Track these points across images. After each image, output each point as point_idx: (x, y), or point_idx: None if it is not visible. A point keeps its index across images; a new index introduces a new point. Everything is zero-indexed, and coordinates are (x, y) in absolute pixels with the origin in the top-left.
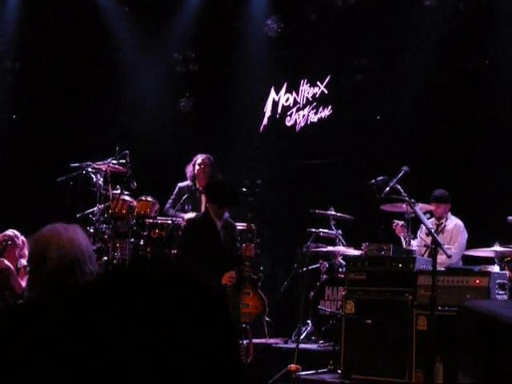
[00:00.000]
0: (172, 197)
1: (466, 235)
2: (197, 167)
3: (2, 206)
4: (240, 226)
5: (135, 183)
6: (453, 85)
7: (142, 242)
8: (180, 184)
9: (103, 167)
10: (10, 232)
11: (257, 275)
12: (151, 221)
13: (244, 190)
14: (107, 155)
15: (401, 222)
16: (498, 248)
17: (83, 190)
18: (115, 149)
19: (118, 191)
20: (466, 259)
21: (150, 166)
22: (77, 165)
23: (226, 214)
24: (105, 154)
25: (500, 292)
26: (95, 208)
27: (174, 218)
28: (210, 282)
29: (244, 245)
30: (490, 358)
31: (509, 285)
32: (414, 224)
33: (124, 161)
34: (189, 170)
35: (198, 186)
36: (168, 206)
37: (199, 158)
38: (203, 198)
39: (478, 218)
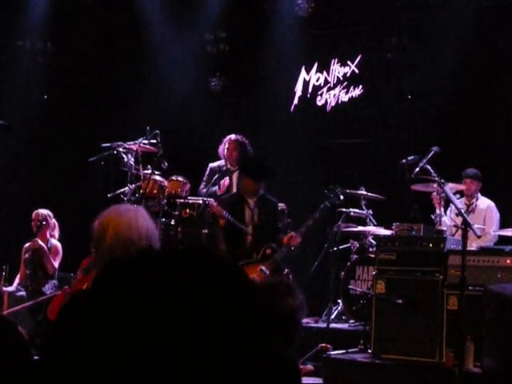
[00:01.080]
0: (204, 178)
1: (498, 215)
2: (226, 148)
3: (35, 187)
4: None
5: (166, 163)
6: (485, 64)
7: (172, 222)
8: (211, 164)
9: (134, 147)
10: (44, 211)
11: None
12: (182, 201)
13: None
14: (138, 135)
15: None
16: None
17: (114, 169)
18: (146, 129)
19: (149, 171)
20: (498, 239)
21: (181, 146)
22: (108, 145)
23: (262, 191)
24: (136, 134)
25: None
26: (126, 188)
27: (204, 198)
28: (237, 265)
29: (293, 233)
30: None
31: None
32: (444, 204)
33: (155, 141)
34: (220, 150)
35: (229, 166)
36: (201, 187)
37: (229, 139)
38: (234, 179)
39: (510, 197)
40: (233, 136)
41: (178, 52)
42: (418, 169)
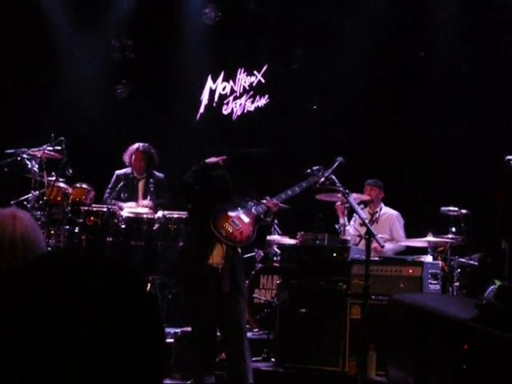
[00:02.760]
0: (110, 185)
1: (402, 222)
2: (134, 159)
3: None
4: (179, 214)
5: (71, 170)
6: (388, 75)
7: (77, 230)
8: (117, 172)
9: (38, 154)
10: None
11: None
12: (86, 208)
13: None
14: (43, 141)
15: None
16: (431, 238)
17: (18, 176)
18: (51, 135)
19: (53, 178)
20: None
21: (86, 153)
22: (12, 151)
23: None
24: (40, 140)
25: (433, 282)
26: (30, 195)
27: (109, 206)
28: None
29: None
30: (420, 349)
31: (441, 274)
32: (350, 214)
33: (60, 147)
34: (126, 158)
35: (135, 174)
36: (106, 195)
37: (137, 150)
38: (141, 187)
39: (412, 208)
40: (140, 146)
41: (83, 58)
42: (323, 178)
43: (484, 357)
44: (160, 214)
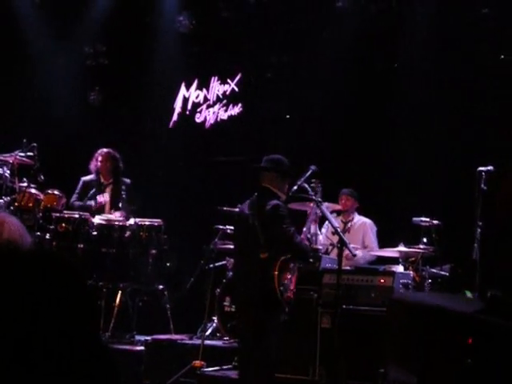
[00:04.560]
0: (76, 191)
1: (375, 230)
2: (100, 161)
3: None
4: (151, 221)
5: (42, 176)
6: (362, 86)
7: (48, 236)
8: (84, 178)
9: (10, 159)
10: None
11: None
12: (58, 214)
13: None
14: (15, 147)
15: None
16: (402, 248)
17: None
18: (23, 141)
19: (25, 184)
20: (374, 258)
21: (59, 160)
22: None
23: None
24: (12, 146)
25: (404, 292)
26: (1, 200)
27: (81, 213)
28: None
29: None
30: (423, 346)
31: (412, 285)
32: (321, 223)
33: (31, 153)
34: (92, 165)
35: (102, 180)
36: (73, 199)
37: (101, 152)
38: (108, 192)
39: (384, 218)
40: (104, 149)
41: (57, 64)
42: (295, 187)
43: (489, 350)
44: (132, 221)
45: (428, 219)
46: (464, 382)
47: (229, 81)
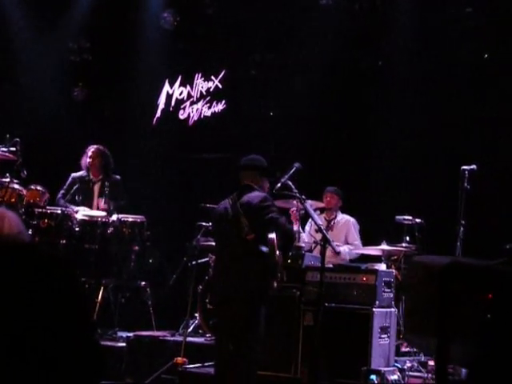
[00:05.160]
0: (64, 187)
1: (358, 227)
2: (89, 157)
3: None
4: (134, 217)
5: (25, 172)
6: (347, 84)
7: (30, 232)
8: (74, 174)
9: None
10: None
11: None
12: (40, 210)
13: None
14: None
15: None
16: (385, 247)
17: None
18: (5, 136)
19: (8, 179)
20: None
21: (41, 155)
22: None
23: None
24: None
25: (386, 290)
26: None
27: (63, 209)
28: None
29: None
30: (441, 306)
31: (395, 283)
32: (304, 221)
33: (14, 148)
34: (83, 161)
35: (91, 176)
36: (59, 196)
37: (91, 148)
38: (96, 189)
39: (367, 216)
40: (95, 145)
41: (41, 60)
42: (279, 184)
43: (510, 305)
44: (115, 217)
45: (411, 217)
46: (484, 339)
47: (213, 78)
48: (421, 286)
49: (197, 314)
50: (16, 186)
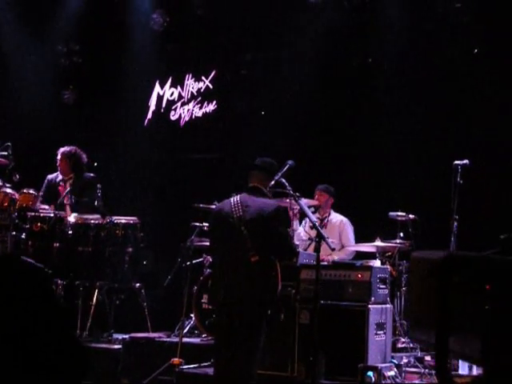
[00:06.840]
0: (42, 188)
1: (352, 228)
2: (59, 159)
3: None
4: (127, 219)
5: (17, 175)
6: (337, 81)
7: (23, 236)
8: (49, 176)
9: None
10: None
11: None
12: (33, 214)
13: None
14: None
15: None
16: (379, 243)
17: None
18: None
19: (0, 183)
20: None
21: (33, 159)
22: None
23: None
24: None
25: (381, 286)
26: None
27: (56, 212)
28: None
29: None
30: (440, 300)
31: (390, 279)
32: (299, 219)
33: (6, 153)
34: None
35: (62, 176)
36: (40, 199)
37: (60, 151)
38: (68, 186)
39: (361, 213)
40: (61, 149)
41: (30, 63)
42: (272, 182)
43: (508, 294)
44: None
45: (404, 213)
46: (483, 329)
47: (203, 78)
48: (422, 282)
49: (192, 315)
50: (8, 190)
